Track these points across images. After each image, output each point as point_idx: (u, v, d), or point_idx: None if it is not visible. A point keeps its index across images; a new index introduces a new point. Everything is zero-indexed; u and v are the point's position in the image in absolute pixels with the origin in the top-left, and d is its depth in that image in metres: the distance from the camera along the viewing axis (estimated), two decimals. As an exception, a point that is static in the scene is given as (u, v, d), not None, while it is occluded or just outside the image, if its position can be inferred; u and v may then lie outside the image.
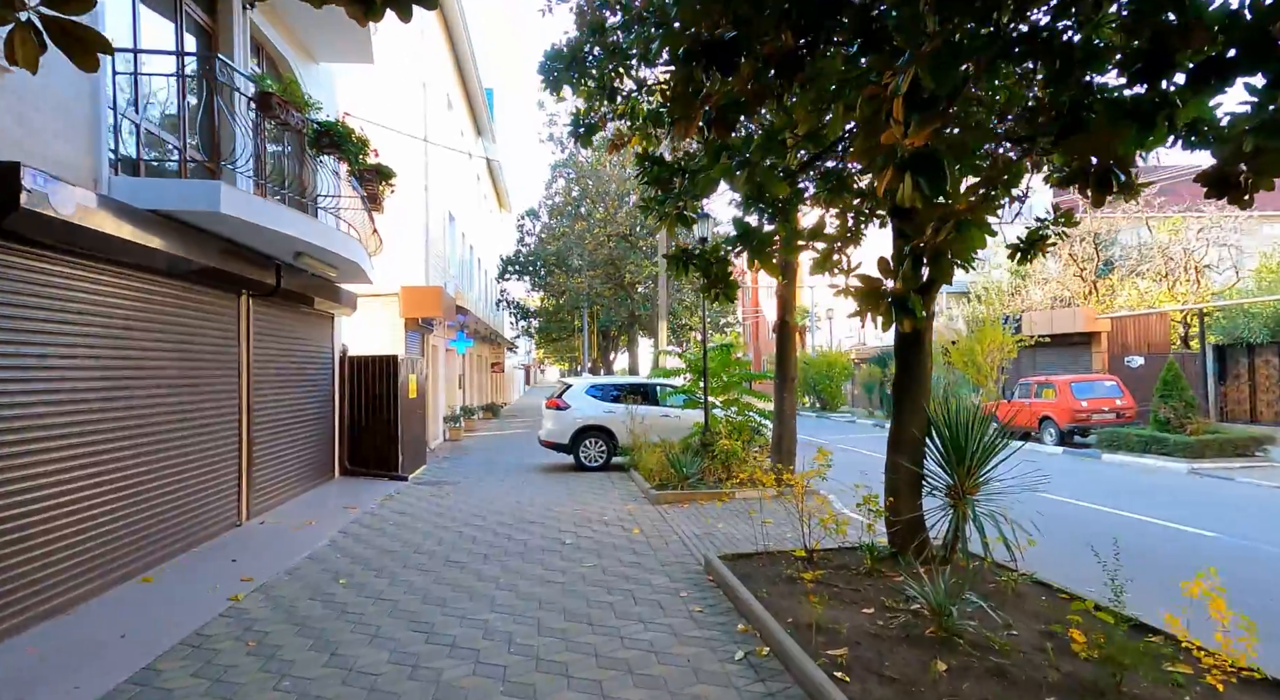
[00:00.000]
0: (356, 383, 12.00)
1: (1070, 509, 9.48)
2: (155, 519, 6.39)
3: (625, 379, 14.49)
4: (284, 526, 8.11)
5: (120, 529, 5.90)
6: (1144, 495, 10.72)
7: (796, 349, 10.35)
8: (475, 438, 20.02)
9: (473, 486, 11.30)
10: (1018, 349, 19.71)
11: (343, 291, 11.05)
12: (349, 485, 11.21)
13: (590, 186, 26.29)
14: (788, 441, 10.13)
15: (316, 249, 7.92)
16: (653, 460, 10.97)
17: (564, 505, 9.59)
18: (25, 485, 4.91)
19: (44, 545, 5.04)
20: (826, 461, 6.21)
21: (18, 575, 4.79)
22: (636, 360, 30.93)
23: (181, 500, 6.84)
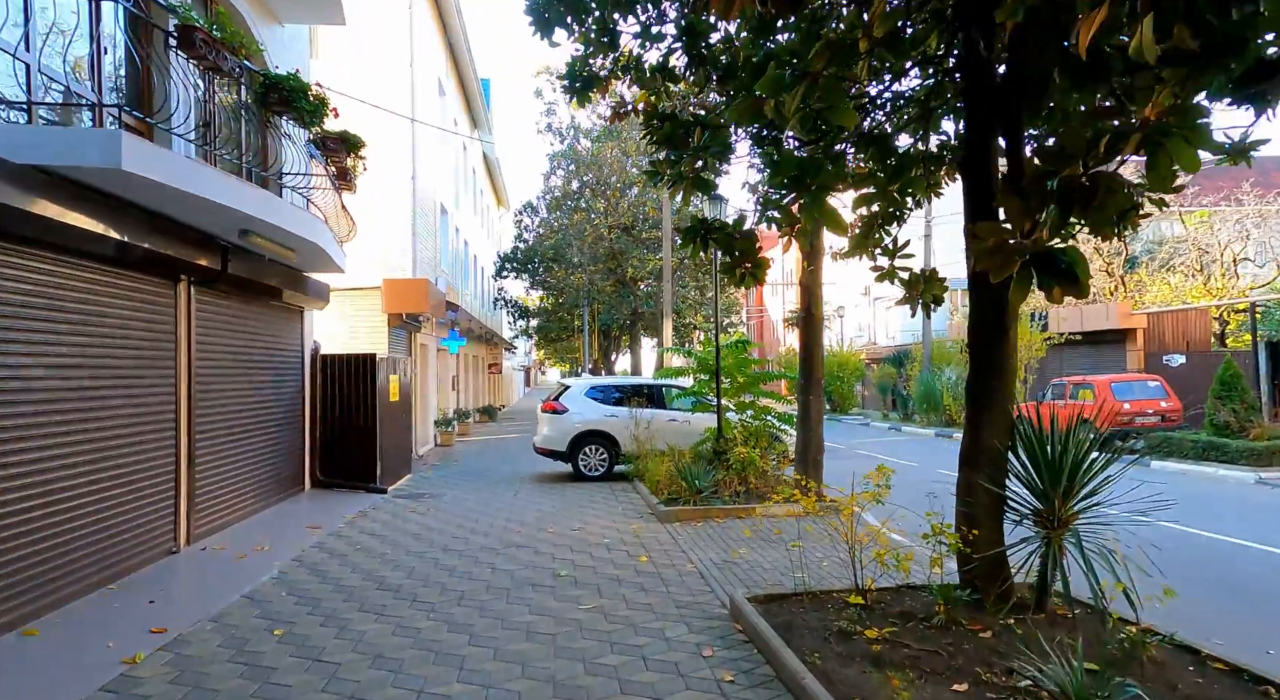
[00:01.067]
0: (330, 385, 10.79)
1: (1141, 530, 8.25)
2: (55, 552, 5.18)
3: (628, 379, 13.27)
4: (229, 553, 6.89)
5: (2, 567, 4.69)
6: (1215, 509, 9.49)
7: (823, 345, 9.16)
8: (469, 443, 18.81)
9: (458, 500, 10.08)
10: (1045, 347, 18.46)
11: (310, 282, 9.84)
12: (319, 500, 9.99)
13: (591, 179, 25.07)
14: (814, 450, 8.91)
15: (266, 227, 6.71)
16: (660, 471, 9.74)
17: (560, 523, 8.37)
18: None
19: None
20: (884, 480, 4.98)
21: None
22: (639, 360, 29.72)
23: (94, 527, 5.62)
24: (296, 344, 10.25)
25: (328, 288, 10.52)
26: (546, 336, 35.63)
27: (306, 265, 9.25)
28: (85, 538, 5.53)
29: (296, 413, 10.16)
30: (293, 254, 7.89)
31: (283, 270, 8.87)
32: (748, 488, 9.39)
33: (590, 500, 10.00)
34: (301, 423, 10.32)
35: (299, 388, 10.29)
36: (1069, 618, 4.53)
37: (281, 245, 7.43)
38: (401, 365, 12.21)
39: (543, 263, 27.49)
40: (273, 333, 9.42)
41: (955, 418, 20.73)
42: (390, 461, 11.33)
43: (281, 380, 9.67)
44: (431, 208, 17.34)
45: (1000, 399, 4.83)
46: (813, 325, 9.03)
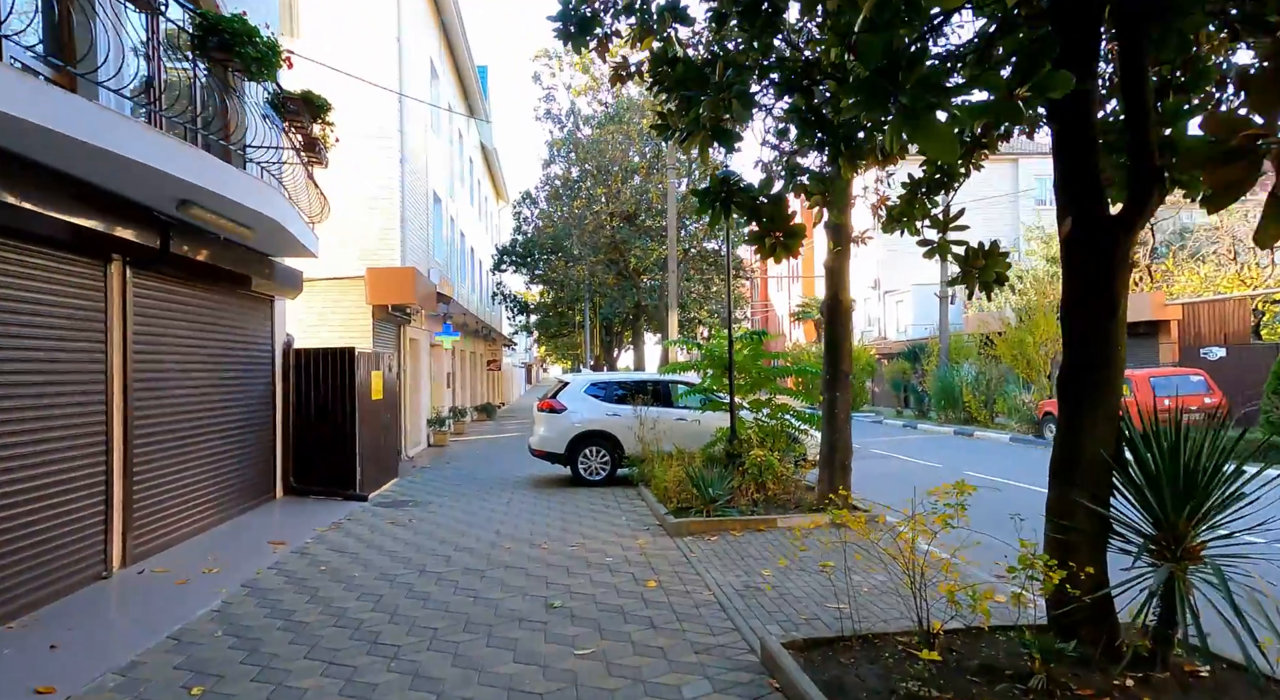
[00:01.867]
0: (304, 382, 9.82)
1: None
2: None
3: (632, 375, 12.28)
4: (171, 577, 5.93)
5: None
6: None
7: (851, 336, 8.17)
8: (464, 442, 17.85)
9: (445, 509, 9.11)
10: (1074, 340, 17.41)
11: (280, 268, 8.87)
12: (290, 510, 9.03)
13: (592, 165, 23.99)
14: (841, 453, 7.93)
15: (209, 197, 5.73)
16: (668, 476, 8.76)
17: (556, 537, 7.40)
18: None
19: None
20: (958, 501, 3.97)
21: None
22: (642, 356, 28.70)
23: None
24: (265, 337, 9.28)
25: (300, 275, 9.55)
26: (547, 332, 34.62)
27: (272, 248, 8.28)
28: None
29: (265, 413, 9.19)
30: (250, 233, 6.91)
31: (244, 253, 7.90)
32: (765, 495, 8.41)
33: (591, 508, 9.02)
34: (272, 424, 9.36)
35: (268, 385, 9.32)
36: (1204, 678, 3.54)
37: (233, 221, 6.45)
38: (386, 361, 11.24)
39: (542, 255, 26.47)
40: (236, 324, 8.45)
41: (975, 415, 19.74)
42: (372, 465, 10.37)
43: (247, 377, 8.70)
44: (422, 195, 16.36)
45: (1107, 397, 3.84)
46: (839, 313, 8.03)
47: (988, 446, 16.42)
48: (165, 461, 6.78)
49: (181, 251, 6.49)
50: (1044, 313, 17.48)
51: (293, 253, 8.70)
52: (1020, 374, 17.98)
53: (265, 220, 6.65)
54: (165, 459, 6.78)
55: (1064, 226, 3.87)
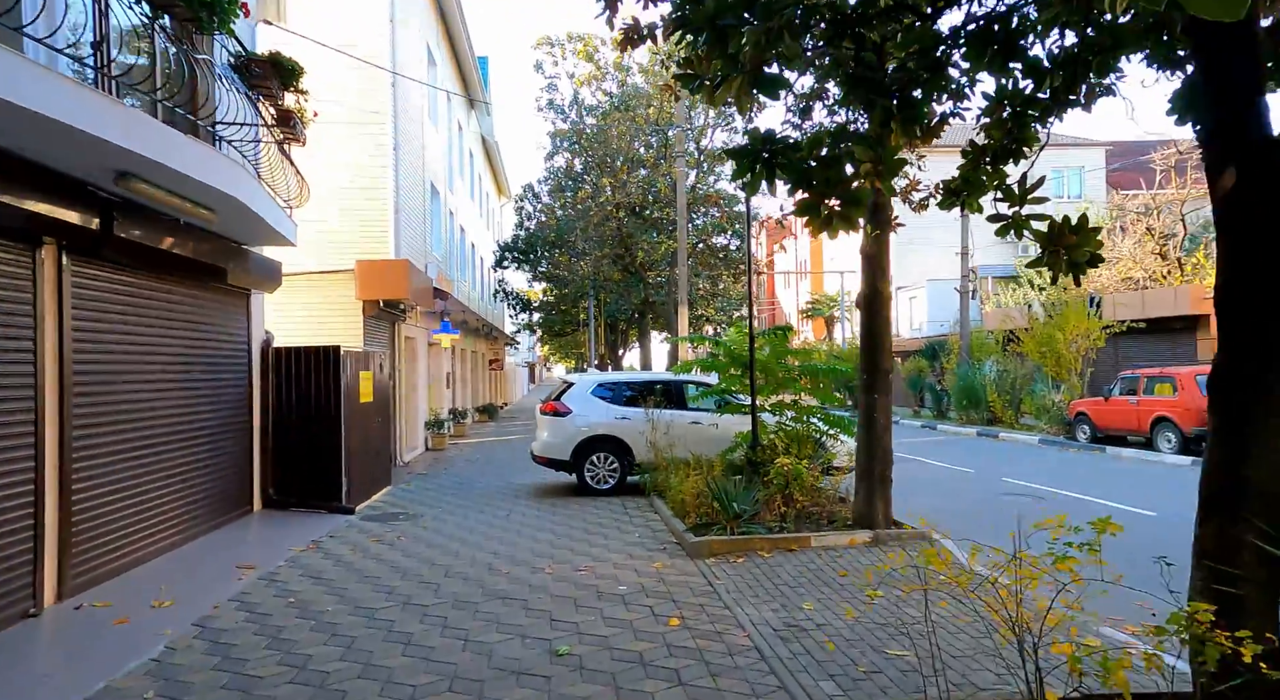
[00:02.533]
0: (284, 383, 8.97)
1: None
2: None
3: (642, 375, 11.41)
4: (113, 613, 5.08)
5: None
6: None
7: (890, 331, 7.29)
8: (465, 445, 17.01)
9: (439, 523, 8.26)
10: (1104, 337, 16.51)
11: (254, 258, 8.02)
12: (268, 526, 8.19)
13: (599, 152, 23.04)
14: (881, 463, 7.04)
15: (152, 168, 4.88)
16: (686, 487, 7.90)
17: (561, 559, 6.53)
18: None
19: None
20: (1087, 540, 3.08)
21: None
22: (649, 355, 27.82)
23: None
24: (240, 334, 8.43)
25: (278, 267, 8.70)
26: (550, 331, 33.76)
27: (244, 235, 7.43)
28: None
29: (241, 418, 8.35)
30: (212, 216, 6.05)
31: (214, 242, 7.05)
32: (794, 508, 7.53)
33: (599, 523, 8.16)
34: (248, 430, 8.51)
35: (244, 388, 8.48)
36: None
37: (188, 199, 5.59)
38: (376, 360, 10.39)
39: (545, 250, 25.59)
40: (206, 320, 7.61)
41: (999, 415, 18.82)
42: (361, 474, 9.52)
43: (219, 379, 7.86)
44: (419, 186, 15.51)
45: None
46: (879, 305, 7.14)
47: (1017, 449, 15.51)
48: (114, 475, 5.93)
49: (131, 236, 5.64)
50: (1074, 307, 16.55)
51: (269, 241, 7.86)
52: (1049, 372, 17.05)
53: (227, 200, 5.80)
54: (114, 472, 5.93)
55: (1225, 178, 2.98)
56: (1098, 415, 14.85)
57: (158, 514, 6.56)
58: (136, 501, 6.23)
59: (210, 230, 6.97)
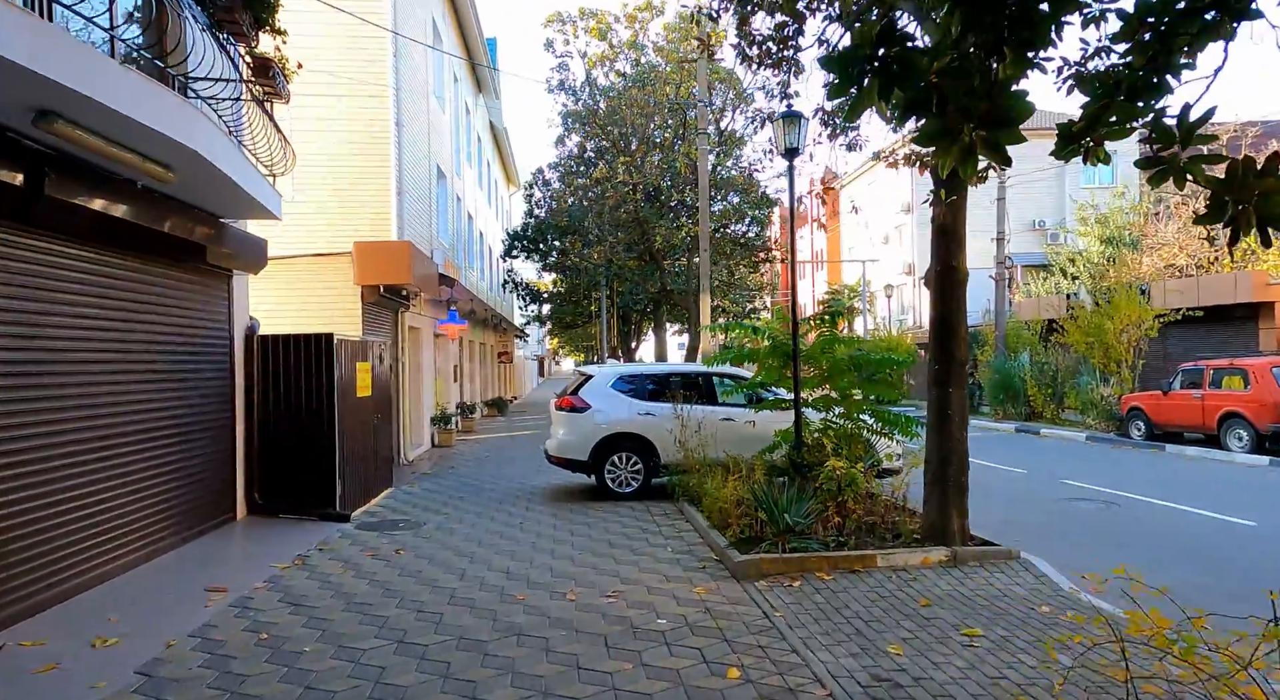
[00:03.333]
0: (271, 375, 8.04)
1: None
2: None
3: (668, 367, 10.41)
4: (36, 657, 4.15)
5: None
6: None
7: (966, 314, 6.25)
8: (473, 442, 16.09)
9: (443, 533, 7.31)
10: (1158, 326, 15.36)
11: (232, 233, 7.06)
12: (251, 535, 7.27)
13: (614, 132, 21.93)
14: (956, 468, 6.03)
15: (81, 105, 3.91)
16: (725, 493, 6.91)
17: (585, 580, 5.57)
18: None
19: None
20: None
21: None
22: (664, 347, 26.79)
23: None
24: (220, 320, 7.50)
25: (263, 245, 7.75)
26: (561, 322, 32.78)
27: (219, 204, 6.47)
28: None
29: (220, 414, 7.43)
30: (166, 173, 5.08)
31: (184, 213, 6.11)
32: (850, 519, 6.53)
33: (625, 533, 7.19)
34: (229, 427, 7.59)
35: (225, 380, 7.55)
36: None
37: (129, 148, 4.62)
38: (376, 350, 9.45)
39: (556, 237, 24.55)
40: (179, 303, 6.68)
41: (1038, 410, 17.71)
42: (358, 476, 8.59)
43: (194, 370, 6.93)
44: (424, 167, 14.55)
45: None
46: (953, 284, 6.12)
47: (1065, 447, 14.43)
48: (54, 481, 5.01)
49: (72, 199, 4.70)
50: (1126, 294, 15.40)
51: (250, 213, 6.91)
52: (1096, 364, 15.93)
53: (185, 155, 4.83)
54: (54, 478, 5.01)
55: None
56: (1155, 410, 13.74)
57: (114, 527, 5.64)
58: (86, 513, 5.31)
59: (181, 199, 6.03)
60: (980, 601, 4.99)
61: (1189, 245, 20.47)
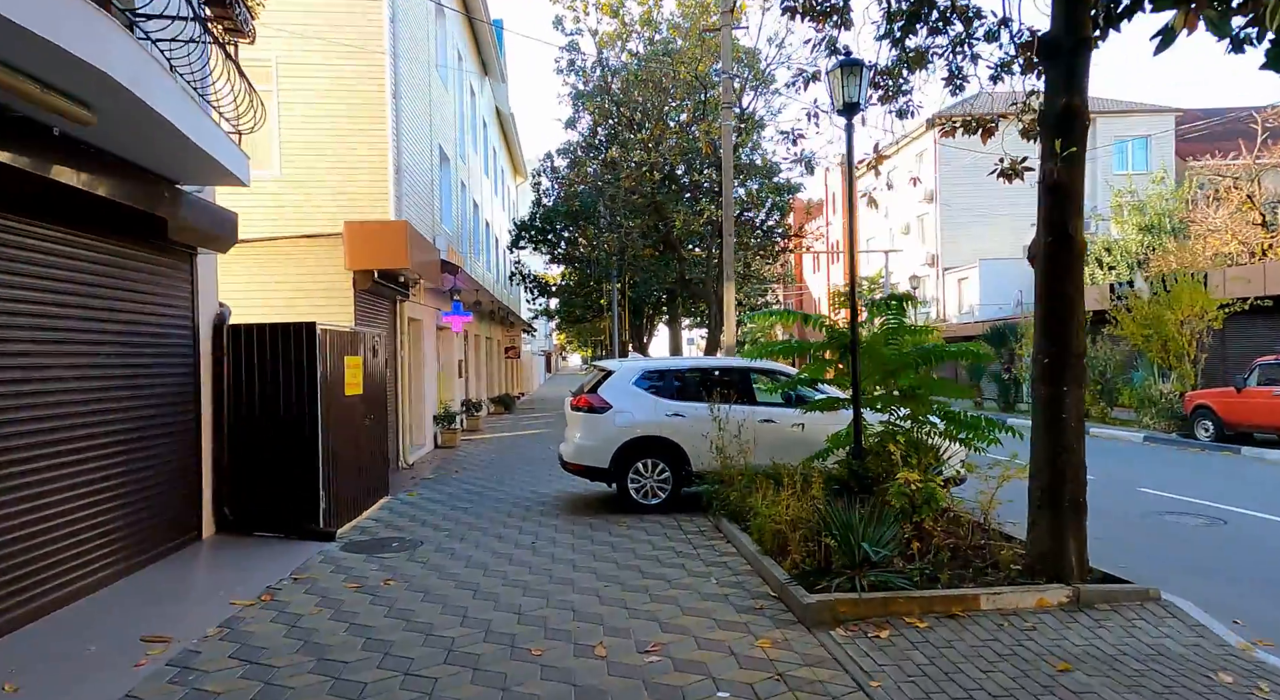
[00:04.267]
0: (244, 371, 6.95)
1: None
2: None
3: (699, 361, 9.26)
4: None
5: None
6: None
7: (1083, 295, 5.08)
8: (478, 442, 15.01)
9: (442, 555, 6.21)
10: (1222, 316, 14.10)
11: (190, 201, 5.95)
12: (215, 559, 6.18)
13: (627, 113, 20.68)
14: (1072, 483, 4.88)
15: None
16: (777, 510, 5.77)
17: (614, 626, 4.46)
18: None
19: None
20: None
21: None
22: (680, 340, 25.60)
23: None
24: (182, 306, 6.40)
25: (233, 219, 6.64)
26: (570, 316, 31.62)
27: (172, 165, 5.36)
28: None
29: (183, 416, 6.34)
30: (84, 112, 3.96)
31: (135, 177, 5.01)
32: (933, 546, 5.38)
33: (657, 557, 6.07)
34: (193, 431, 6.50)
35: (188, 376, 6.46)
36: None
37: (29, 77, 3.51)
38: (368, 342, 8.36)
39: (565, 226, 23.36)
40: (130, 285, 5.59)
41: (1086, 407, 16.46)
42: (347, 486, 7.50)
43: (148, 365, 5.84)
44: (424, 146, 13.43)
45: None
46: (1068, 259, 4.94)
47: (1123, 449, 13.21)
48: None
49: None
50: (1188, 282, 14.14)
51: (208, 175, 5.80)
52: (1154, 358, 14.69)
53: (103, 84, 3.71)
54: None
55: None
56: (1226, 409, 12.52)
57: (37, 558, 4.55)
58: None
59: (120, 156, 4.93)
60: (1132, 664, 3.84)
61: (1241, 231, 19.15)
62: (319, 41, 10.66)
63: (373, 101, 11.05)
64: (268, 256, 9.92)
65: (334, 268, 9.80)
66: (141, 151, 4.93)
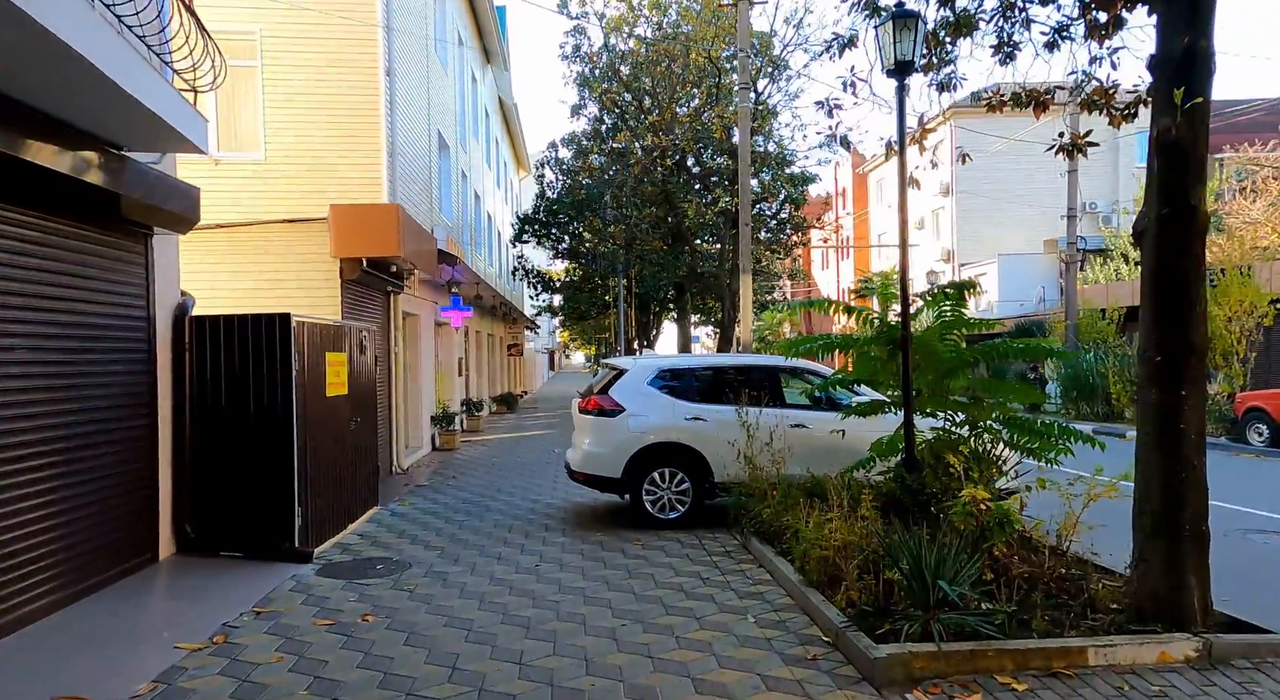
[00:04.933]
0: (209, 368, 6.12)
1: None
2: None
3: (721, 359, 8.38)
4: None
5: None
6: None
7: (1205, 281, 4.21)
8: (479, 444, 14.18)
9: (433, 581, 5.38)
10: (1274, 313, 13.19)
11: (138, 171, 5.11)
12: (169, 588, 5.36)
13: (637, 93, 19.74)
14: (1195, 511, 4.01)
15: None
16: (827, 534, 4.92)
17: (636, 681, 3.62)
18: None
19: None
20: None
21: None
22: (689, 337, 24.72)
23: None
24: (135, 294, 5.58)
25: (194, 194, 5.79)
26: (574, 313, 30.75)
27: (115, 127, 4.52)
28: None
29: (134, 421, 5.51)
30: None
31: (74, 142, 4.19)
32: (1007, 578, 4.52)
33: (681, 585, 5.24)
34: (149, 438, 5.67)
35: (142, 375, 5.63)
36: None
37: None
38: (353, 338, 7.53)
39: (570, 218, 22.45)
40: (69, 270, 4.76)
41: (1118, 409, 15.59)
42: (326, 499, 6.68)
43: (92, 361, 5.02)
44: (422, 130, 12.60)
45: None
46: (1189, 231, 4.07)
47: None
48: None
49: None
50: (1236, 276, 13.24)
51: (158, 140, 4.96)
52: (1198, 357, 13.76)
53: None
54: None
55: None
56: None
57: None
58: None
59: (64, 120, 4.10)
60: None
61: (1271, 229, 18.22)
62: (307, 12, 9.82)
63: (365, 77, 10.19)
64: (249, 244, 9.10)
65: (318, 256, 8.95)
66: (72, 108, 4.10)
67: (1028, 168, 28.69)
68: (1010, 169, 28.47)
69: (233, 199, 9.39)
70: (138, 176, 5.08)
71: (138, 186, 5.11)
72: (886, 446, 6.00)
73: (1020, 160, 27.82)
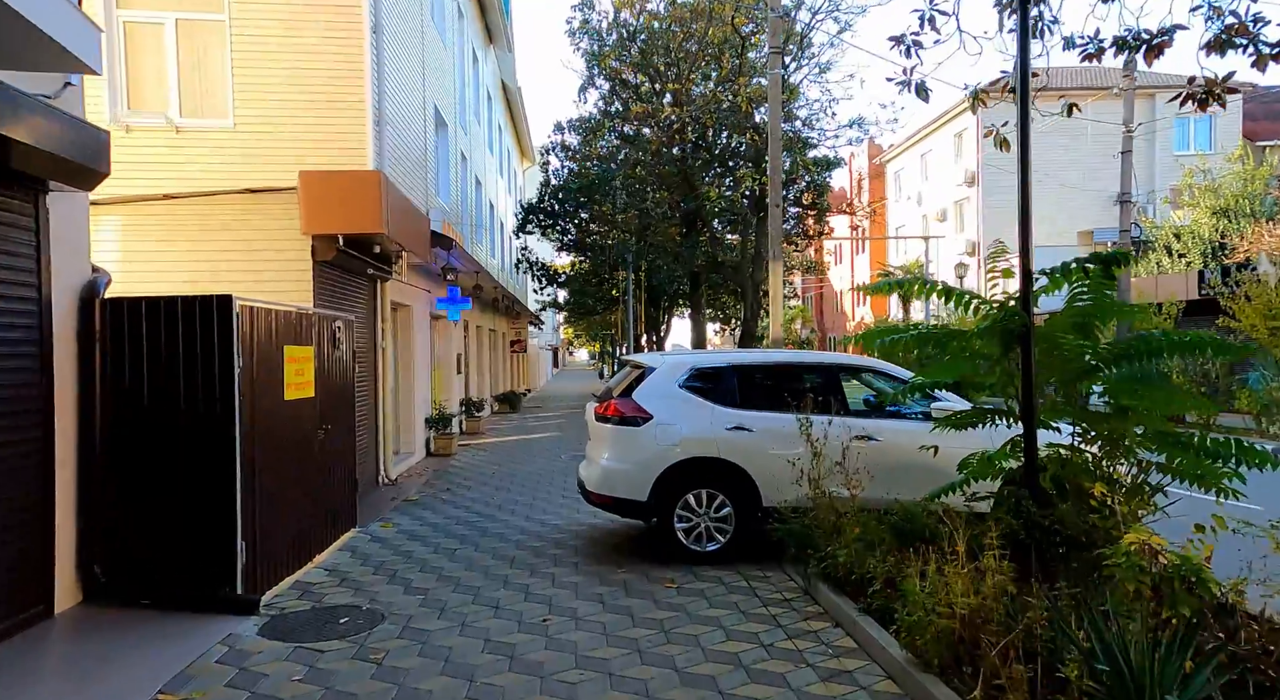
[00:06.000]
0: (128, 366, 4.80)
1: None
2: None
3: (768, 356, 6.96)
4: None
5: None
6: None
7: None
8: (479, 449, 12.87)
9: (411, 642, 4.06)
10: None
11: (10, 98, 3.77)
12: (63, 655, 4.03)
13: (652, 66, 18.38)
14: None
15: None
16: (956, 597, 3.57)
17: None
18: None
19: None
20: None
21: None
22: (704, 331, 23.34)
23: None
24: (19, 269, 4.25)
25: (100, 138, 4.45)
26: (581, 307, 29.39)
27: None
28: None
29: (21, 433, 4.19)
30: None
31: None
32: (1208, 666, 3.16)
33: (734, 652, 3.91)
34: (41, 456, 4.36)
35: (31, 374, 4.32)
36: None
37: None
38: (323, 328, 6.21)
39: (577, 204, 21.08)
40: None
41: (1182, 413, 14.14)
42: (286, 525, 5.36)
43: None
44: (415, 101, 11.26)
45: None
46: None
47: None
48: None
49: None
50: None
51: (24, 55, 3.63)
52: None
53: None
54: None
55: None
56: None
57: None
58: None
59: None
60: None
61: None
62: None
63: (348, 32, 8.86)
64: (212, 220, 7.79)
65: (287, 232, 7.62)
66: None
67: (1060, 159, 27.32)
68: (1040, 159, 27.15)
69: (203, 171, 8.09)
70: (15, 110, 3.76)
71: (18, 124, 3.79)
72: (979, 466, 4.65)
73: (1051, 151, 26.44)
